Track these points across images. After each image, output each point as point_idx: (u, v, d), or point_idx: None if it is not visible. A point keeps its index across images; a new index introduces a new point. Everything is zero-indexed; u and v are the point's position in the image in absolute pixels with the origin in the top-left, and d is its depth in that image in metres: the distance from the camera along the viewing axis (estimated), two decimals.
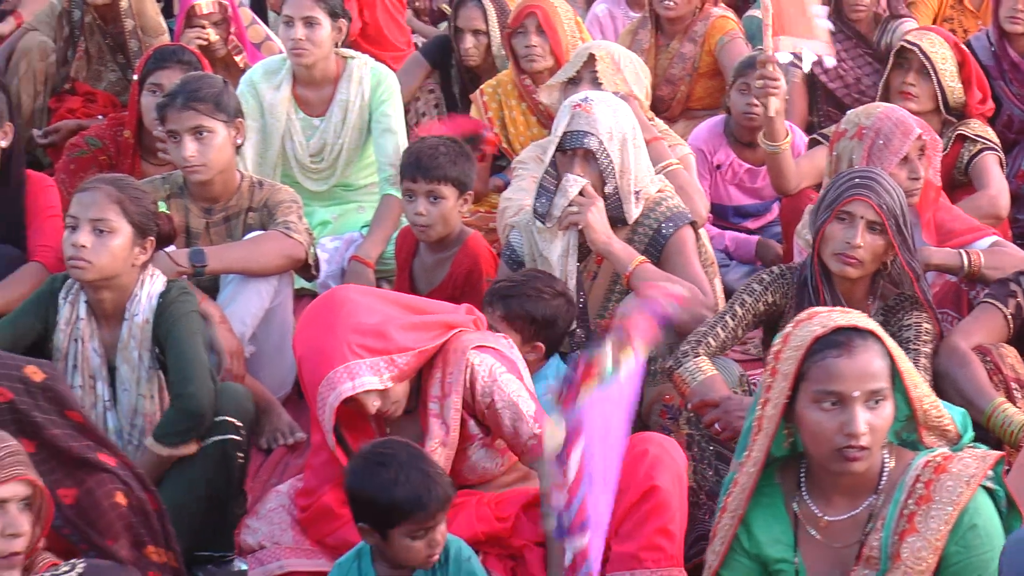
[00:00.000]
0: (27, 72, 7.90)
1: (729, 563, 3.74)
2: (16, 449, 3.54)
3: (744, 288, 4.94)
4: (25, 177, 5.78)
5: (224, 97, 5.59)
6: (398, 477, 3.85)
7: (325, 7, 6.77)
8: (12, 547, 3.47)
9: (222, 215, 5.68)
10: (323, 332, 4.25)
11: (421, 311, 4.42)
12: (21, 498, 3.51)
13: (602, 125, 5.22)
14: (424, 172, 5.56)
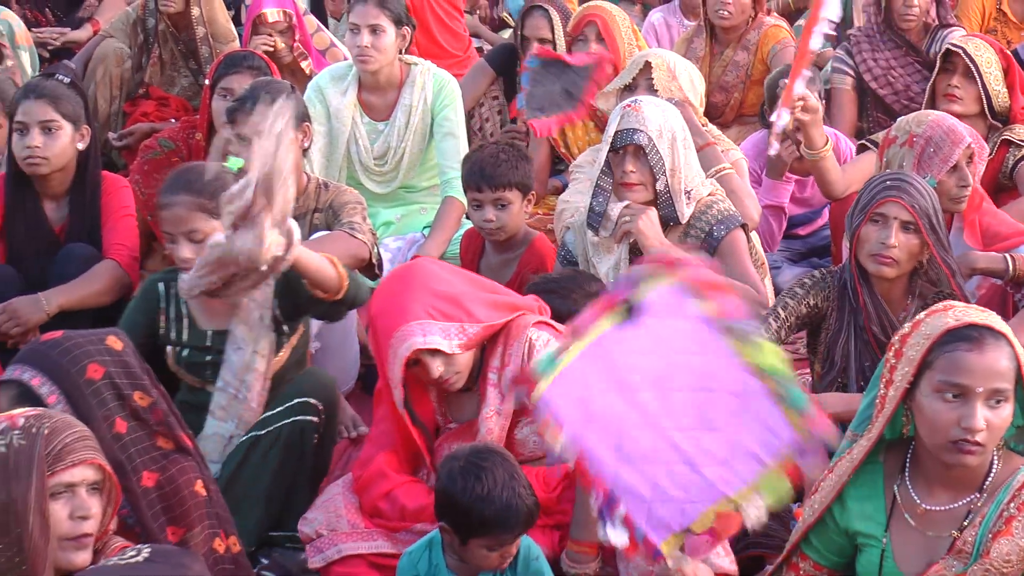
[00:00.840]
0: (104, 77, 7.97)
1: (819, 527, 3.74)
2: (85, 434, 3.53)
3: (787, 292, 4.96)
4: (101, 178, 5.81)
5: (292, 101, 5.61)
6: (491, 494, 3.87)
7: (390, 15, 6.81)
8: (81, 529, 3.46)
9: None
10: (402, 292, 4.34)
11: (495, 291, 4.49)
12: (90, 482, 3.50)
13: (651, 123, 5.25)
14: (489, 181, 5.58)
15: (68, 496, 3.45)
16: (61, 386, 3.88)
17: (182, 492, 4.02)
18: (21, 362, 3.95)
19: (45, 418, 3.50)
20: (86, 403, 3.89)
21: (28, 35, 7.81)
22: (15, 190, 5.71)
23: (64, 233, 5.73)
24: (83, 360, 3.92)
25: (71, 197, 5.74)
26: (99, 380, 3.92)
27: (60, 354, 3.92)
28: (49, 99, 5.60)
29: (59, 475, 3.42)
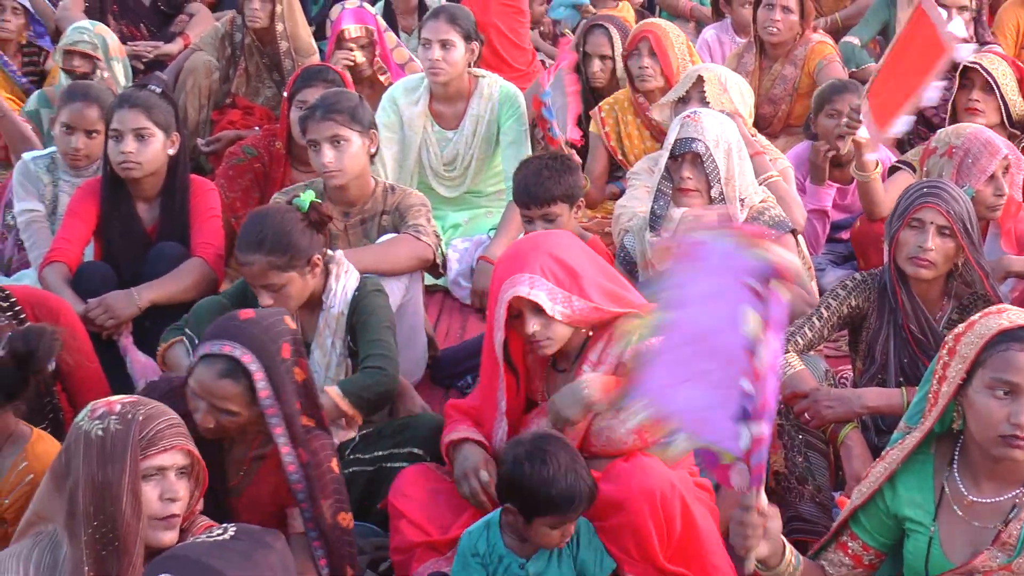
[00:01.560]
0: (193, 87, 8.08)
1: (869, 508, 3.77)
2: (176, 421, 3.60)
3: (830, 292, 4.97)
4: (190, 181, 5.86)
5: (359, 110, 5.67)
6: (555, 476, 3.95)
7: (460, 30, 6.92)
8: (170, 510, 3.53)
9: (359, 218, 5.77)
10: (527, 248, 4.34)
11: (618, 284, 4.39)
12: (179, 467, 3.57)
13: (709, 133, 5.31)
14: (534, 199, 5.50)
15: (159, 479, 3.54)
16: (264, 363, 4.05)
17: (323, 466, 4.16)
18: (224, 337, 4.09)
19: (141, 405, 3.58)
20: (281, 377, 4.07)
21: (121, 47, 7.83)
22: (111, 193, 5.76)
23: (155, 233, 5.78)
24: (279, 339, 4.10)
25: (162, 199, 5.79)
26: (288, 359, 4.10)
27: (262, 332, 4.09)
28: (142, 108, 5.64)
29: (151, 459, 3.51)
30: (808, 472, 4.70)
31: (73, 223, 5.76)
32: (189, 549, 3.23)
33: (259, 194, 6.56)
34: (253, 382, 4.06)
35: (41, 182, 6.26)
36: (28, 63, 8.82)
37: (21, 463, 4.23)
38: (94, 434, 3.49)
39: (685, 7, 9.87)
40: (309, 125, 5.66)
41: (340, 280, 4.99)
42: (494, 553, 4.13)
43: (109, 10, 9.28)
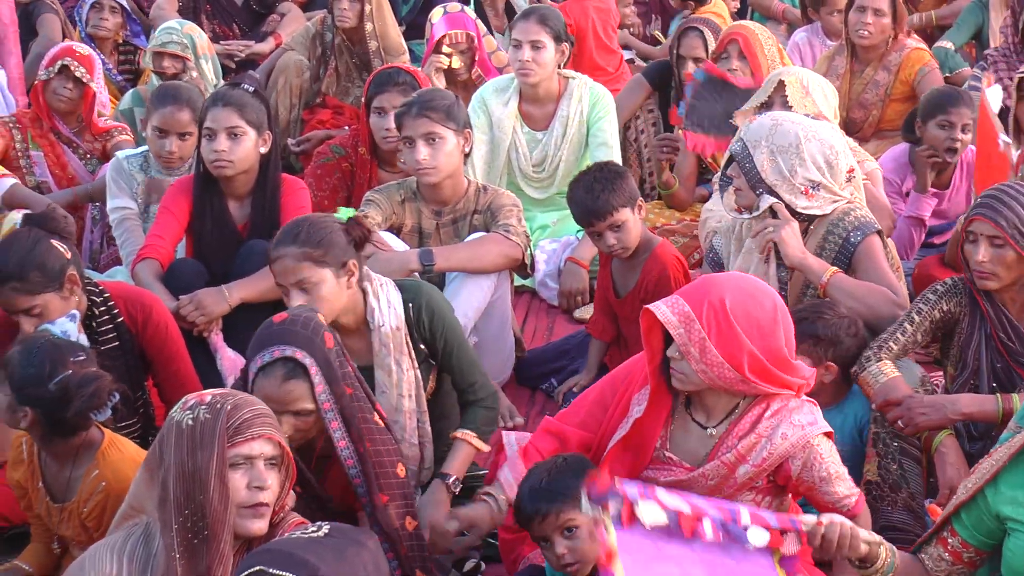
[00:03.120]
0: (284, 87, 8.18)
1: (971, 506, 3.75)
2: (264, 411, 3.62)
3: (921, 297, 4.92)
4: (281, 180, 5.86)
5: (455, 109, 5.69)
6: (523, 488, 4.04)
7: (550, 32, 6.93)
8: (257, 498, 3.54)
9: (450, 217, 5.81)
10: (711, 283, 4.02)
11: (778, 358, 3.98)
12: (268, 456, 3.58)
13: (750, 135, 5.24)
14: (597, 215, 5.47)
15: (247, 467, 3.55)
16: (314, 356, 4.08)
17: (387, 467, 4.18)
18: (274, 343, 4.11)
19: (230, 395, 3.61)
20: (332, 369, 4.10)
21: (211, 46, 7.89)
22: (203, 190, 5.76)
23: (246, 230, 5.78)
24: (320, 331, 4.13)
25: (253, 197, 5.79)
26: (332, 348, 4.13)
27: (302, 326, 4.12)
28: (235, 107, 5.64)
29: (238, 447, 3.53)
30: (902, 479, 4.66)
31: (166, 220, 5.79)
32: (283, 543, 3.26)
33: (346, 193, 6.60)
34: (311, 376, 4.10)
35: (134, 180, 6.33)
36: (124, 61, 8.95)
37: (94, 471, 4.27)
38: (184, 423, 3.53)
39: (777, 9, 9.82)
40: (404, 121, 5.69)
41: (380, 296, 4.78)
42: None
43: (202, 9, 9.40)
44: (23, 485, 4.45)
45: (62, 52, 7.26)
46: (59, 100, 7.20)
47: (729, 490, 4.02)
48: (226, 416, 3.53)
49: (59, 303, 4.77)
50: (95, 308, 4.93)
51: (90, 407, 4.19)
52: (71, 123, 7.29)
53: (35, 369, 4.21)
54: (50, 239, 4.80)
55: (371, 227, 4.86)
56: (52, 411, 4.19)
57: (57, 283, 4.76)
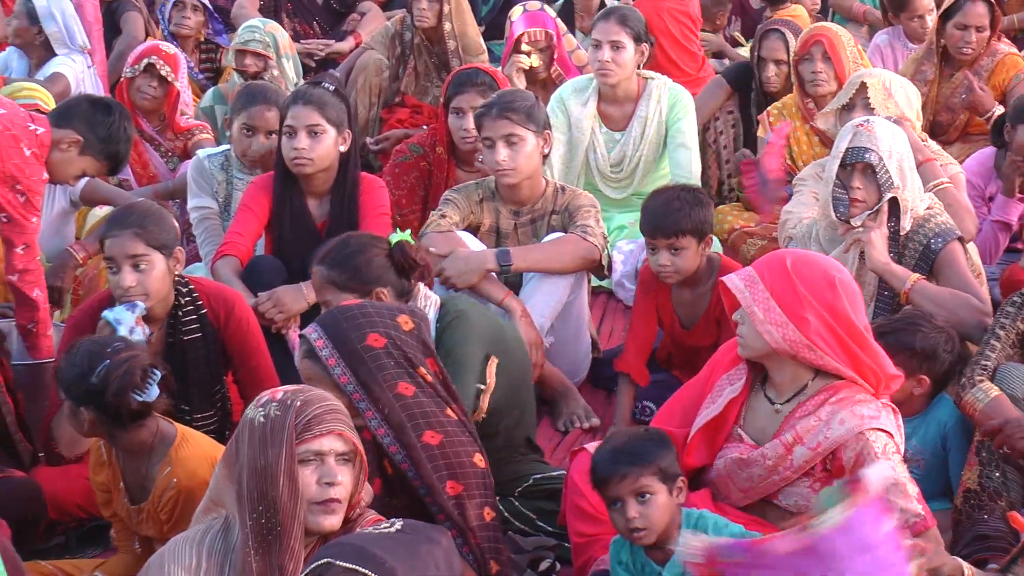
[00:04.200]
0: (363, 86, 8.19)
1: None
2: (336, 407, 3.62)
3: (1000, 312, 4.86)
4: (360, 179, 5.89)
5: (535, 110, 5.70)
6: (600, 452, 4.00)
7: (630, 32, 6.92)
8: (328, 494, 3.54)
9: (528, 217, 5.82)
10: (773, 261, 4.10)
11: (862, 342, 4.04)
12: (339, 452, 3.57)
13: (882, 144, 5.23)
14: (662, 230, 5.34)
15: (317, 463, 3.55)
16: (340, 350, 4.08)
17: (461, 457, 4.16)
18: (317, 324, 4.15)
19: (301, 392, 3.62)
20: (365, 368, 4.08)
21: (292, 44, 7.96)
22: (283, 188, 5.82)
23: (325, 228, 5.79)
24: (366, 328, 4.11)
25: (332, 195, 5.83)
26: (379, 348, 4.10)
27: (346, 320, 4.12)
28: (315, 105, 5.69)
29: (308, 443, 3.53)
30: (1003, 487, 4.58)
31: (246, 217, 5.85)
32: (354, 538, 3.29)
33: (424, 192, 6.63)
34: (328, 367, 4.09)
35: (215, 179, 6.38)
36: (205, 60, 9.02)
37: (166, 468, 4.30)
38: (256, 420, 3.56)
39: (858, 11, 9.74)
40: (484, 123, 5.70)
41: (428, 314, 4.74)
42: (637, 561, 4.10)
43: (283, 8, 9.46)
44: (106, 487, 4.49)
45: (148, 51, 7.34)
46: (143, 98, 7.27)
47: (785, 472, 4.05)
48: (295, 413, 3.54)
49: (164, 269, 4.90)
50: (180, 299, 5.00)
51: (125, 386, 4.20)
52: (153, 121, 7.37)
53: (78, 368, 4.27)
54: (171, 215, 5.04)
55: (417, 258, 4.79)
56: (101, 404, 4.23)
57: (169, 249, 4.90)
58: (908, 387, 4.65)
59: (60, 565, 4.57)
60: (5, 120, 5.41)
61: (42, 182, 5.50)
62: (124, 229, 4.86)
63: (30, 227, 5.47)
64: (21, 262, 5.45)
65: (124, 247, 4.85)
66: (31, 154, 5.42)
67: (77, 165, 5.67)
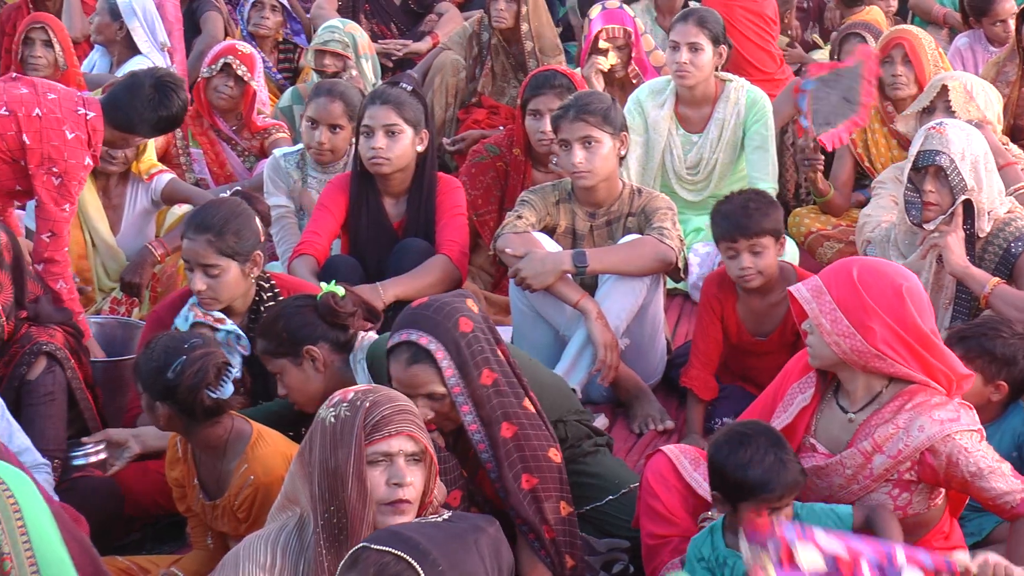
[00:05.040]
0: (440, 86, 8.22)
1: None
2: (405, 407, 3.62)
3: None
4: (437, 179, 5.92)
5: (612, 112, 5.68)
6: (753, 458, 3.87)
7: (708, 34, 6.89)
8: (397, 495, 3.53)
9: (604, 219, 5.78)
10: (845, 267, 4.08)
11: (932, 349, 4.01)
12: (408, 453, 3.56)
13: (954, 146, 5.20)
14: (743, 231, 5.31)
15: (386, 464, 3.54)
16: (442, 341, 4.10)
17: (536, 451, 4.17)
18: (404, 327, 4.15)
19: (371, 392, 3.62)
20: (462, 354, 4.11)
21: (371, 45, 7.99)
22: (360, 188, 5.85)
23: (401, 228, 5.85)
24: (455, 315, 4.14)
25: (409, 196, 5.86)
26: (470, 333, 4.13)
27: (435, 312, 4.14)
28: (393, 105, 5.72)
29: (376, 444, 3.53)
30: None
31: (323, 216, 5.87)
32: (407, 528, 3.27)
33: (500, 193, 6.64)
34: (437, 361, 4.10)
35: (290, 178, 6.42)
36: (283, 60, 9.07)
37: (243, 465, 4.32)
38: (327, 421, 3.57)
39: (938, 13, 9.66)
40: (561, 125, 5.69)
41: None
42: (718, 557, 4.06)
43: (361, 9, 9.49)
44: (180, 483, 4.52)
45: (224, 50, 7.39)
46: (220, 98, 7.33)
47: (865, 480, 4.01)
48: (364, 413, 3.55)
49: (237, 275, 4.96)
50: (262, 294, 5.06)
51: (199, 382, 4.23)
52: (230, 120, 7.42)
53: (155, 363, 4.30)
54: (254, 216, 5.02)
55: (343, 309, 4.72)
56: (176, 399, 4.26)
57: (245, 256, 4.95)
58: (986, 393, 4.60)
59: (136, 561, 4.61)
60: (53, 104, 5.48)
61: (83, 167, 5.52)
62: (200, 235, 4.92)
63: (60, 215, 5.47)
64: (47, 250, 5.46)
65: (197, 254, 4.93)
66: (74, 137, 5.45)
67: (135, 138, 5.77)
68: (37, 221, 5.49)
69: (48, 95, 5.53)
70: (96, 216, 6.42)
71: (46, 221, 5.45)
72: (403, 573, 3.08)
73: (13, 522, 3.20)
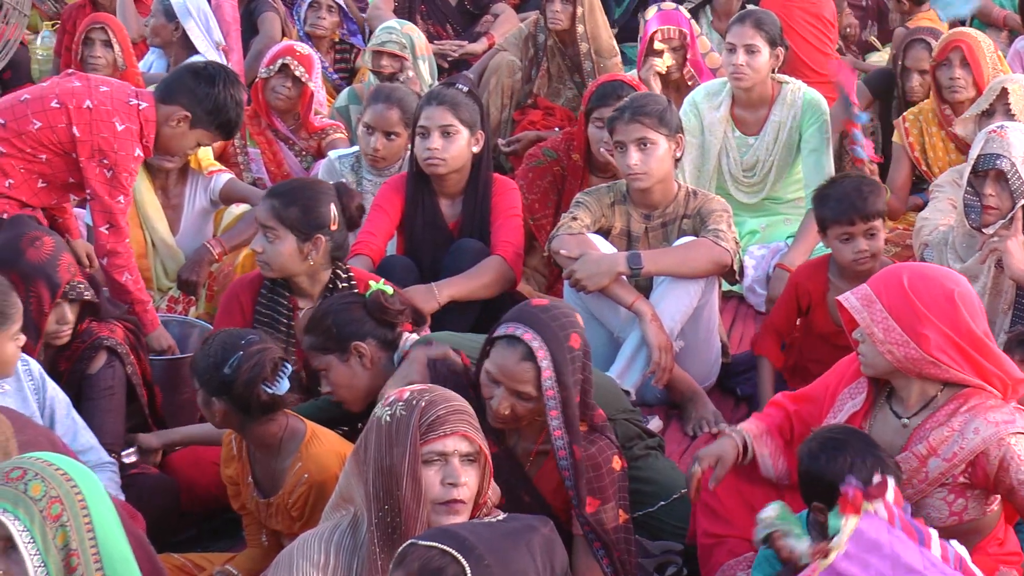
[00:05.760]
0: (496, 87, 8.21)
1: None
2: (461, 408, 3.61)
3: None
4: (492, 180, 5.94)
5: (667, 114, 5.68)
6: (854, 463, 3.83)
7: (765, 36, 6.88)
8: (451, 495, 3.53)
9: (659, 221, 5.77)
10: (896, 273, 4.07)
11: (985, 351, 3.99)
12: (463, 453, 3.56)
13: (1015, 149, 5.18)
14: (862, 213, 5.34)
15: (441, 464, 3.54)
16: (549, 346, 4.09)
17: (601, 468, 4.17)
18: (516, 322, 4.15)
19: (427, 392, 3.62)
20: (566, 368, 4.10)
21: (428, 46, 8.00)
22: (415, 189, 5.86)
23: (457, 229, 5.87)
24: (569, 329, 4.14)
25: (464, 196, 5.88)
26: (577, 350, 4.13)
27: (551, 319, 4.14)
28: (449, 106, 5.74)
29: (431, 443, 3.52)
30: None
31: (378, 217, 5.89)
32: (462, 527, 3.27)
33: (557, 196, 6.64)
34: (536, 360, 4.08)
35: (345, 180, 6.43)
36: (339, 60, 9.12)
37: (297, 463, 4.34)
38: (383, 420, 3.57)
39: (999, 16, 9.60)
40: (617, 127, 5.69)
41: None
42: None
43: (417, 10, 9.51)
44: (235, 480, 4.55)
45: (282, 51, 7.42)
46: (278, 98, 7.36)
47: (920, 484, 3.98)
48: (419, 413, 3.54)
49: (292, 249, 5.04)
50: (338, 283, 5.13)
51: (255, 378, 4.26)
52: (288, 121, 7.45)
53: (211, 358, 4.33)
54: (333, 200, 5.11)
55: (393, 307, 4.75)
56: (232, 395, 4.28)
57: (305, 233, 5.03)
58: None
59: (191, 558, 4.64)
60: (104, 96, 5.52)
61: (134, 159, 5.55)
62: (268, 198, 5.10)
63: (115, 206, 5.52)
64: (108, 242, 5.52)
65: (259, 216, 5.10)
66: (124, 128, 5.49)
67: (190, 139, 5.72)
68: (93, 215, 5.53)
69: (100, 88, 5.58)
70: (155, 216, 6.47)
71: (102, 213, 5.51)
72: (447, 567, 3.08)
73: (80, 519, 3.22)
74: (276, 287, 5.18)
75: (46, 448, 3.56)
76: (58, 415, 4.59)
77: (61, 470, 3.26)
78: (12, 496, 3.18)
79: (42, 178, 5.53)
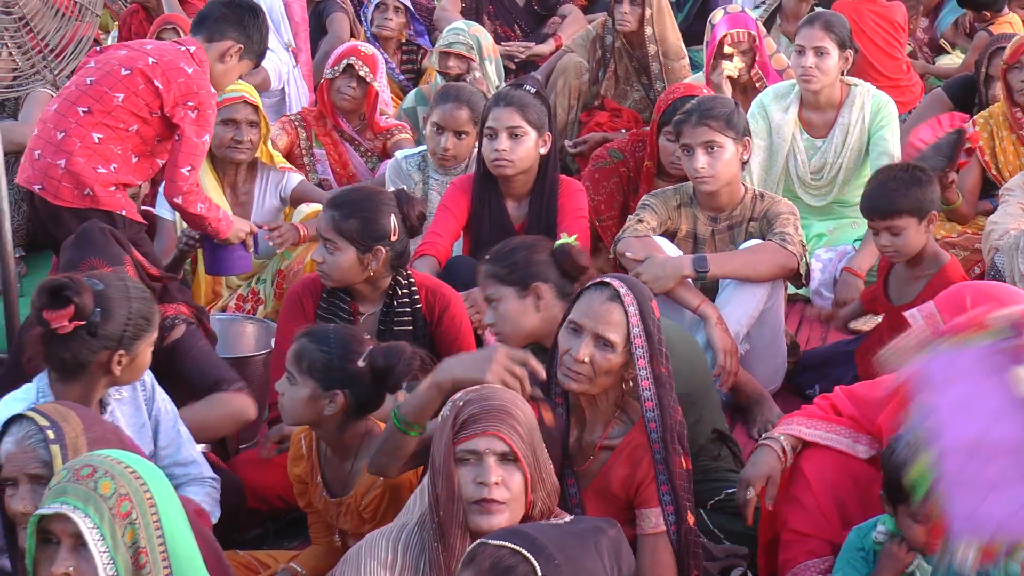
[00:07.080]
0: (563, 88, 8.21)
1: None
2: (498, 408, 3.58)
3: None
4: (559, 181, 5.94)
5: (734, 117, 5.68)
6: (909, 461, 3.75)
7: (835, 38, 6.87)
8: (482, 494, 3.51)
9: (726, 223, 5.78)
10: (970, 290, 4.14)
11: None
12: (498, 453, 3.53)
13: None
14: (877, 210, 5.41)
15: (474, 463, 3.53)
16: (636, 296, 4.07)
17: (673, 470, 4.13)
18: (623, 280, 4.13)
19: (470, 392, 3.64)
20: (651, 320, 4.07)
21: (495, 47, 8.02)
22: (482, 189, 5.88)
23: (523, 230, 5.82)
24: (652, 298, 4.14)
25: (531, 197, 5.89)
26: (659, 319, 4.11)
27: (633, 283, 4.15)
28: (517, 107, 5.76)
29: (463, 442, 3.53)
30: None
31: (445, 217, 5.91)
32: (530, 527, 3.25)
33: (623, 198, 6.64)
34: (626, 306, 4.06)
35: (412, 179, 6.47)
36: (406, 61, 9.14)
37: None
38: (439, 419, 3.61)
39: None
40: (684, 129, 5.70)
41: None
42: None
43: (485, 10, 9.53)
44: (303, 480, 4.55)
45: (347, 52, 7.45)
46: (343, 99, 7.38)
47: None
48: (456, 411, 3.56)
49: (353, 261, 4.98)
50: (398, 289, 5.06)
51: (407, 372, 4.27)
52: (353, 121, 7.48)
53: (338, 349, 4.30)
54: (393, 210, 5.01)
55: (580, 262, 4.77)
56: (363, 387, 4.27)
57: (364, 246, 4.95)
58: None
59: (256, 556, 4.68)
60: (157, 51, 5.68)
61: (211, 95, 5.68)
62: (329, 210, 5.02)
63: (200, 146, 5.65)
64: (185, 182, 5.62)
65: (319, 227, 5.04)
66: (193, 70, 5.62)
67: (235, 72, 5.88)
68: (178, 156, 5.61)
69: (146, 46, 5.76)
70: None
71: (188, 155, 5.61)
72: (518, 567, 3.06)
73: (149, 516, 3.24)
74: (336, 291, 5.15)
75: (115, 445, 3.57)
76: (163, 426, 4.53)
77: (130, 468, 3.28)
78: (83, 494, 3.20)
79: (135, 152, 5.62)
